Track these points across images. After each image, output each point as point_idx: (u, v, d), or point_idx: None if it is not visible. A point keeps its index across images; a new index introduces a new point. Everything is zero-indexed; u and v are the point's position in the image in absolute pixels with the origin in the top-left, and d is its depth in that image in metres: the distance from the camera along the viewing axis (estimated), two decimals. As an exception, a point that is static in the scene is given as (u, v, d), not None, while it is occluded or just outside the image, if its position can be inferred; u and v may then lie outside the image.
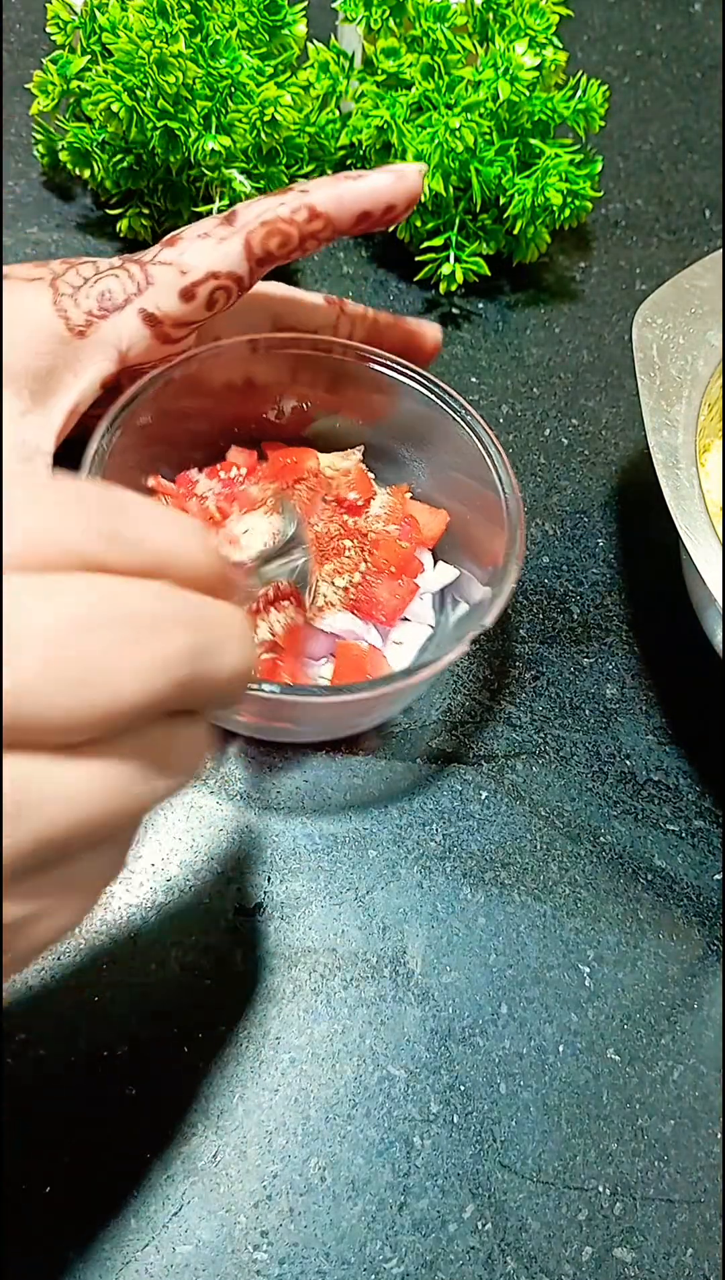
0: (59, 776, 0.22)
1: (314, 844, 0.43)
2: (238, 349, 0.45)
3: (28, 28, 0.68)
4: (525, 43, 0.56)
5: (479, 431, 0.44)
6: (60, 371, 0.40)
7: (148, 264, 0.41)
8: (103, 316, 0.40)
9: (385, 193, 0.41)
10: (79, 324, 0.40)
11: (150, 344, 0.41)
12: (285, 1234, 0.36)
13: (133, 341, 0.41)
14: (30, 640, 0.21)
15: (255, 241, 0.41)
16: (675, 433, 0.45)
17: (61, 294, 0.41)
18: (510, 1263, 0.36)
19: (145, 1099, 0.37)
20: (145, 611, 0.23)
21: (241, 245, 0.41)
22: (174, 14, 0.52)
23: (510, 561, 0.41)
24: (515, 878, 0.44)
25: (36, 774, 0.21)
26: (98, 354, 0.41)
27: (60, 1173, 0.36)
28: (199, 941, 0.40)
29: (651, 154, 0.72)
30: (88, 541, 0.23)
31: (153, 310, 0.41)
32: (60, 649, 0.21)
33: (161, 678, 0.23)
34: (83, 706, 0.21)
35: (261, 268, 0.42)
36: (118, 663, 0.22)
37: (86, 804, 0.22)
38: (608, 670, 0.50)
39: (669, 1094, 0.40)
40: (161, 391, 0.43)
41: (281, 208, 0.41)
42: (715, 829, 0.46)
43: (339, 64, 0.59)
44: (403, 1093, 0.39)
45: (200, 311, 0.42)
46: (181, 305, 0.41)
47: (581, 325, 0.62)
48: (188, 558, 0.25)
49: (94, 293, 0.41)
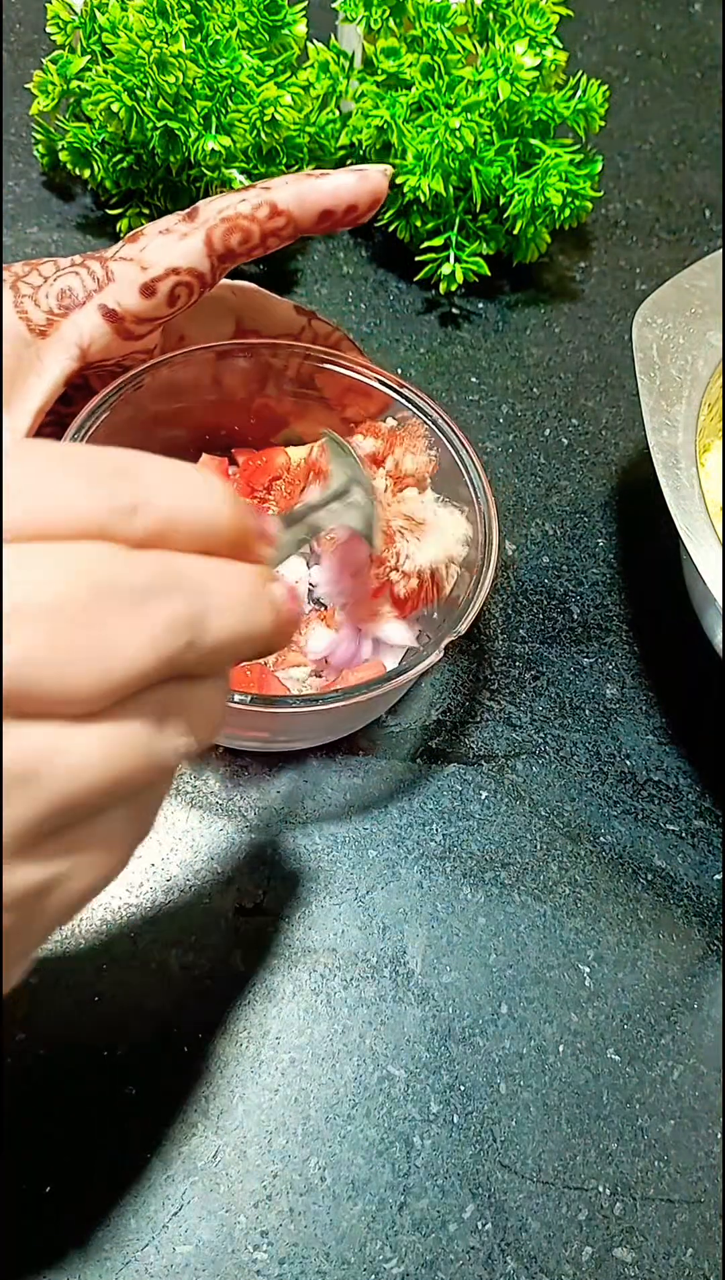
0: (70, 741, 0.22)
1: (314, 844, 0.43)
2: (204, 355, 0.45)
3: (28, 28, 0.68)
4: (525, 43, 0.56)
5: (449, 434, 0.44)
6: (24, 373, 0.41)
7: (109, 260, 0.41)
8: (63, 315, 0.40)
9: (347, 193, 0.41)
10: (40, 324, 0.40)
11: (111, 340, 0.41)
12: (285, 1234, 0.36)
13: (94, 337, 0.41)
14: (32, 612, 0.22)
15: (216, 237, 0.41)
16: (675, 433, 0.45)
17: (22, 295, 0.41)
18: (510, 1263, 0.36)
19: (145, 1099, 0.37)
20: (140, 582, 0.23)
21: (203, 241, 0.41)
22: (174, 14, 0.52)
23: (485, 567, 0.41)
24: (515, 878, 0.44)
25: (49, 740, 0.22)
26: (60, 352, 0.41)
27: (60, 1173, 0.36)
28: (199, 941, 0.40)
29: (651, 154, 0.72)
30: (90, 508, 0.23)
31: (113, 306, 0.41)
32: (61, 621, 0.22)
33: (160, 645, 0.23)
34: (85, 676, 0.22)
35: (223, 264, 0.42)
36: (115, 633, 0.23)
37: (100, 765, 0.23)
38: (608, 670, 0.50)
39: (669, 1094, 0.40)
40: (131, 396, 0.43)
41: (243, 204, 0.41)
42: (715, 829, 0.46)
43: (339, 64, 0.59)
44: (403, 1093, 0.39)
45: (162, 308, 0.42)
46: (142, 301, 0.41)
47: (581, 325, 0.62)
48: (198, 516, 0.25)
49: (54, 291, 0.41)
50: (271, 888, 0.42)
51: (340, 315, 0.60)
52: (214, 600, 0.25)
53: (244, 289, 0.48)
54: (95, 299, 0.41)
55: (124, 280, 0.41)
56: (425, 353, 0.59)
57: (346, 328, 0.59)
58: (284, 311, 0.48)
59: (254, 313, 0.47)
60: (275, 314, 0.48)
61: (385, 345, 0.59)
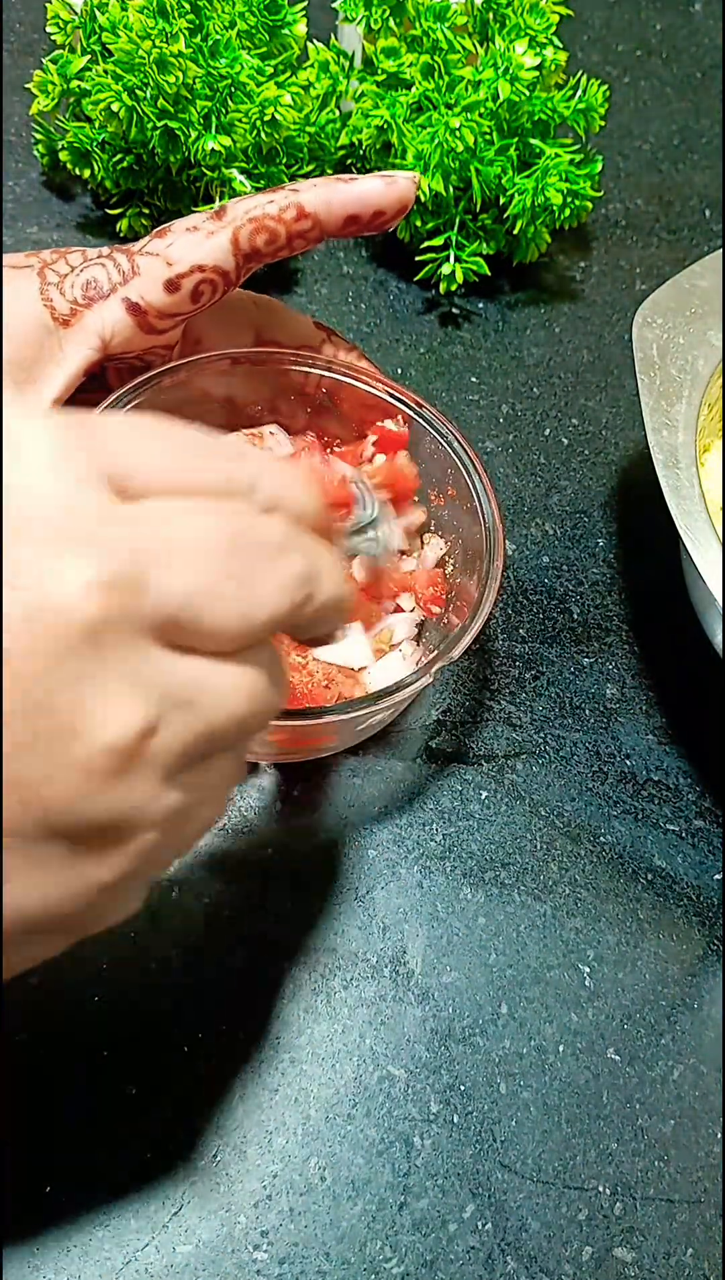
0: (216, 677, 0.24)
1: (314, 844, 0.43)
2: (219, 363, 0.45)
3: (28, 28, 0.68)
4: (525, 42, 0.56)
5: (464, 457, 0.44)
6: (44, 362, 0.41)
7: (135, 254, 0.42)
8: (87, 305, 0.41)
9: (375, 198, 0.42)
10: (64, 313, 0.41)
11: (133, 333, 0.42)
12: (285, 1234, 0.36)
13: (116, 329, 0.41)
14: (189, 555, 0.24)
15: (243, 237, 0.41)
16: (675, 433, 0.45)
17: (49, 283, 0.41)
18: (510, 1263, 0.36)
19: (145, 1099, 0.37)
20: (274, 537, 0.25)
21: (229, 240, 0.41)
22: (174, 14, 0.52)
23: (486, 594, 0.40)
24: (515, 878, 0.44)
25: (202, 671, 0.24)
26: (81, 343, 0.41)
27: (60, 1173, 0.36)
28: (199, 941, 0.40)
29: (651, 154, 0.72)
30: (221, 478, 0.25)
31: (137, 300, 0.41)
32: (215, 562, 0.24)
33: (290, 594, 0.26)
34: (234, 616, 0.24)
35: (248, 264, 0.42)
36: (258, 579, 0.25)
37: (237, 703, 0.25)
38: (608, 670, 0.50)
39: (669, 1094, 0.40)
40: (148, 399, 0.43)
41: (270, 205, 0.41)
42: (715, 829, 0.46)
43: (339, 64, 0.59)
44: (403, 1093, 0.39)
45: (185, 304, 0.42)
46: (166, 296, 0.41)
47: (581, 325, 0.62)
48: (297, 497, 0.27)
49: (79, 281, 0.41)
50: (271, 887, 0.42)
51: (340, 315, 0.60)
52: (321, 563, 0.27)
53: (266, 301, 0.48)
54: (120, 292, 0.41)
55: (149, 275, 0.41)
56: (425, 353, 0.59)
57: (346, 328, 0.59)
58: (303, 326, 0.48)
59: (274, 325, 0.48)
60: (295, 328, 0.48)
61: (385, 345, 0.59)
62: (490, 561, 0.41)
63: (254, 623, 0.25)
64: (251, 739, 0.27)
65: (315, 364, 0.46)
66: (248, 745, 0.28)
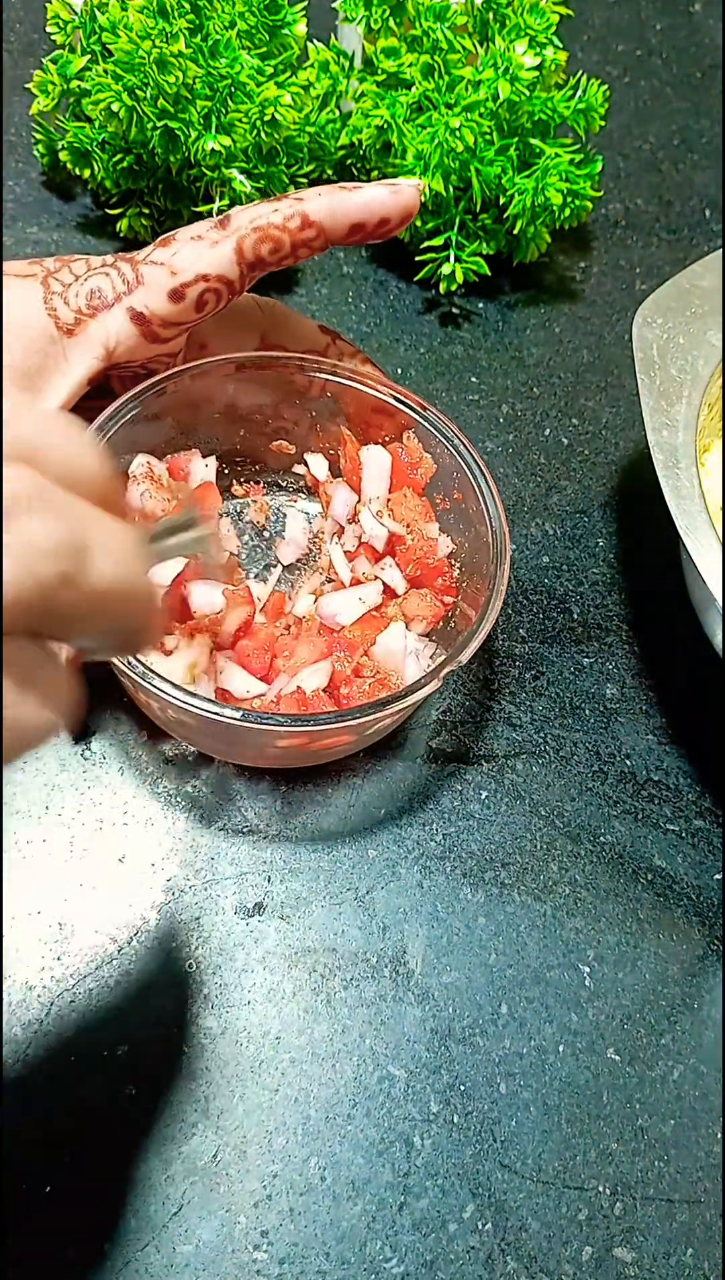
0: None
1: (314, 844, 0.43)
2: (224, 368, 0.45)
3: (28, 28, 0.68)
4: (525, 42, 0.56)
5: (470, 461, 0.44)
6: (48, 371, 0.41)
7: (140, 263, 0.42)
8: (91, 315, 0.41)
9: (379, 206, 0.42)
10: (68, 322, 0.41)
11: (137, 342, 0.42)
12: (285, 1234, 0.36)
13: (121, 339, 0.41)
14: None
15: (247, 246, 0.41)
16: (675, 433, 0.45)
17: (53, 291, 0.41)
18: (510, 1263, 0.36)
19: (145, 1099, 0.37)
20: (20, 490, 0.21)
21: (233, 249, 0.41)
22: (174, 14, 0.52)
23: (492, 599, 0.41)
24: (515, 878, 0.44)
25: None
26: (85, 352, 0.41)
27: (60, 1173, 0.36)
28: (199, 941, 0.40)
29: (651, 154, 0.72)
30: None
31: (141, 309, 0.41)
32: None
33: (31, 566, 0.20)
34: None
35: (253, 272, 0.42)
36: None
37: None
38: (608, 670, 0.50)
39: (669, 1094, 0.40)
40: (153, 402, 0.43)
41: (275, 214, 0.41)
42: (715, 829, 0.46)
43: (339, 64, 0.59)
44: (403, 1093, 0.39)
45: (189, 313, 0.42)
46: (170, 305, 0.41)
47: (581, 325, 0.62)
48: (63, 450, 0.23)
49: (84, 290, 0.41)
50: (271, 888, 0.42)
51: (340, 315, 0.60)
52: (92, 535, 0.22)
53: (271, 305, 0.48)
54: (124, 301, 0.41)
55: (153, 284, 0.41)
56: (425, 353, 0.59)
57: (346, 328, 0.59)
58: (308, 330, 0.48)
59: (279, 329, 0.48)
60: (300, 332, 0.48)
61: (385, 345, 0.59)
62: (497, 564, 0.41)
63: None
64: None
65: (320, 368, 0.46)
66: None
